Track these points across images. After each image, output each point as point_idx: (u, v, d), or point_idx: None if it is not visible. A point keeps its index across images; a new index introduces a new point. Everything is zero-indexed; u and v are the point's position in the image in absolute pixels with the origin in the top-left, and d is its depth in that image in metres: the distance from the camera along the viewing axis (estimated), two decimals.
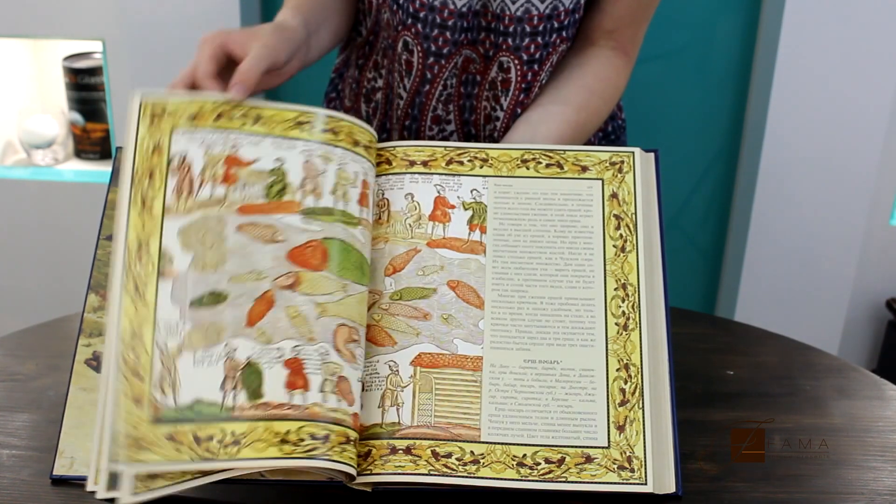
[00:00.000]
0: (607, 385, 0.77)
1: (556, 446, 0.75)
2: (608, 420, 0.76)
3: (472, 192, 0.85)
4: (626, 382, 0.77)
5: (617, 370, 0.77)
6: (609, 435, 0.75)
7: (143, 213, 0.76)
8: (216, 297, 0.74)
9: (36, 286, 2.14)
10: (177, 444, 0.69)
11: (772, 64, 1.80)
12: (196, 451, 0.69)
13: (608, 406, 0.76)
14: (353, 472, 0.71)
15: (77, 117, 2.13)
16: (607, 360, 0.78)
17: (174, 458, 0.69)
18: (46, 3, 1.90)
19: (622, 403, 0.76)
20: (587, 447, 0.75)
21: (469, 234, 0.84)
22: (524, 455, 0.74)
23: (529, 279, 0.81)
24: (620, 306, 0.80)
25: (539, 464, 0.74)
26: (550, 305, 0.80)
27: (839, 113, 1.83)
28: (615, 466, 0.74)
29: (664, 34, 1.79)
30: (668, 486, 0.74)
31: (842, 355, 2.08)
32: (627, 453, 0.74)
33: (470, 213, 0.84)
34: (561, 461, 0.74)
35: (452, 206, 0.84)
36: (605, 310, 0.80)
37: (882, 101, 1.82)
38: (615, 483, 0.73)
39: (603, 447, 0.75)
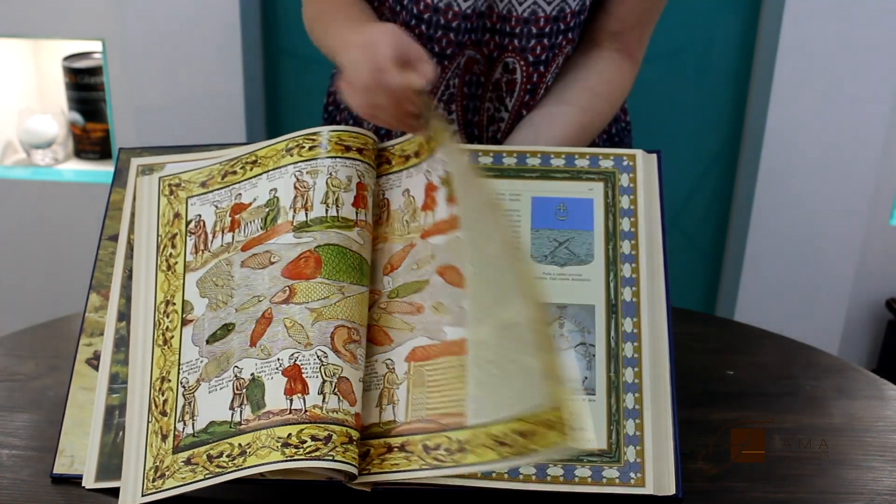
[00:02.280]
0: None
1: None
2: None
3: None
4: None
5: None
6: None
7: (168, 275, 0.83)
8: (227, 329, 0.79)
9: (36, 286, 2.14)
10: (192, 465, 0.73)
11: (772, 64, 1.80)
12: (208, 468, 0.73)
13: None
14: (354, 471, 0.71)
15: (77, 117, 2.13)
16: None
17: (189, 480, 0.73)
18: (46, 3, 1.90)
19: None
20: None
21: (449, 211, 0.82)
22: (504, 434, 0.73)
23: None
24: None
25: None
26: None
27: (839, 113, 1.83)
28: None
29: (664, 34, 1.78)
30: (668, 488, 0.73)
31: (842, 355, 2.08)
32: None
33: (447, 188, 0.82)
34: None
35: (436, 188, 0.83)
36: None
37: (882, 101, 1.82)
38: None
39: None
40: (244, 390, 0.75)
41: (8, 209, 2.07)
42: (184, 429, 0.76)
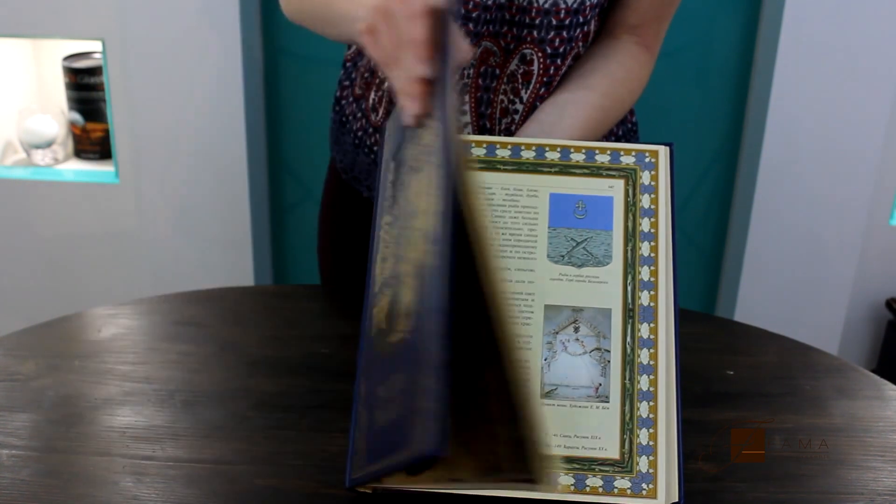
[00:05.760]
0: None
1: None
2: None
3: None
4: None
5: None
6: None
7: None
8: None
9: (36, 286, 2.14)
10: None
11: (772, 64, 1.80)
12: None
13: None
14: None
15: (77, 117, 2.13)
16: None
17: None
18: (46, 3, 1.90)
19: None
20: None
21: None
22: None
23: None
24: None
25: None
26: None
27: (839, 112, 1.83)
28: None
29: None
30: (672, 495, 0.72)
31: (842, 355, 2.08)
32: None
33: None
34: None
35: None
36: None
37: (882, 101, 1.82)
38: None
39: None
40: None
41: (8, 209, 2.07)
42: None
